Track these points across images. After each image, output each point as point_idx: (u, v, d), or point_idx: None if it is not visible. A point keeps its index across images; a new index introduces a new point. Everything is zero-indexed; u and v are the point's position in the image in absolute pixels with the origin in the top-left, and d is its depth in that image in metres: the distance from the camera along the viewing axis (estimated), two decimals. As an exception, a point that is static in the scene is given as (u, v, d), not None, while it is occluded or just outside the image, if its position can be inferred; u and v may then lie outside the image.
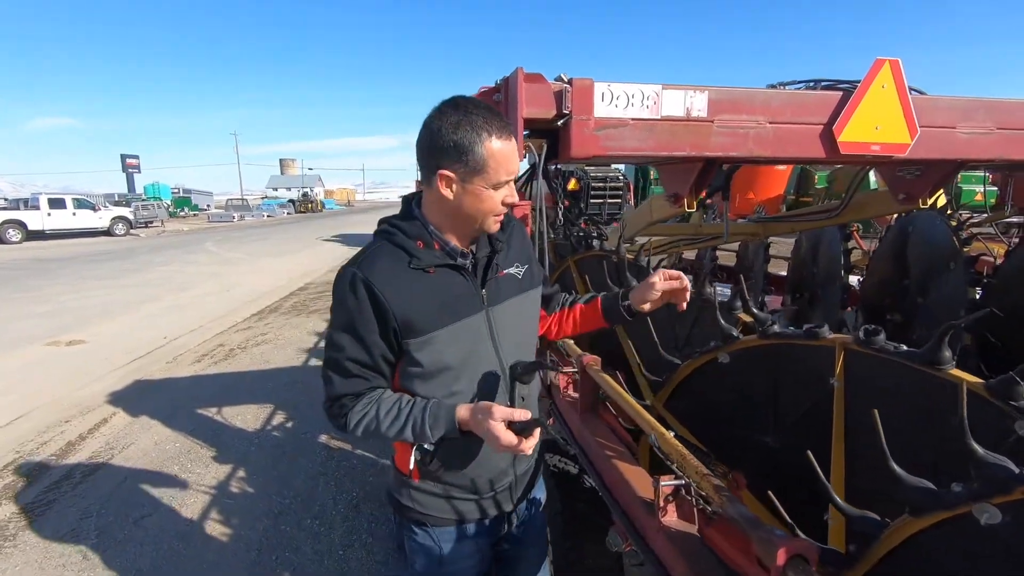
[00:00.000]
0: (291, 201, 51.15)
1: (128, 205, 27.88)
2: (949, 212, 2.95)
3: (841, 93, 2.22)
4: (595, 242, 2.82)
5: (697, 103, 2.10)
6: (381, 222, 1.25)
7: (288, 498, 3.35)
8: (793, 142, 2.21)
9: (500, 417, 1.06)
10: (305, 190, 56.92)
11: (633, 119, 2.04)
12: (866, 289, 3.54)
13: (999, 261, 2.93)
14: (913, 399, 1.13)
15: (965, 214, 3.06)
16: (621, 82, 2.03)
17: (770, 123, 2.17)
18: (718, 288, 2.37)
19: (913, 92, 2.28)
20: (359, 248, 1.25)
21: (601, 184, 11.33)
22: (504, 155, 1.10)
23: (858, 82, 2.29)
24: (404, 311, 1.13)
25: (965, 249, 2.74)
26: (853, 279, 3.80)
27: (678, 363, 1.65)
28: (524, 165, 2.53)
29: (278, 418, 4.56)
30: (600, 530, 1.97)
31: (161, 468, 3.77)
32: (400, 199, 1.35)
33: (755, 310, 1.36)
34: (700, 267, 5.00)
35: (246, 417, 4.59)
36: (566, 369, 2.06)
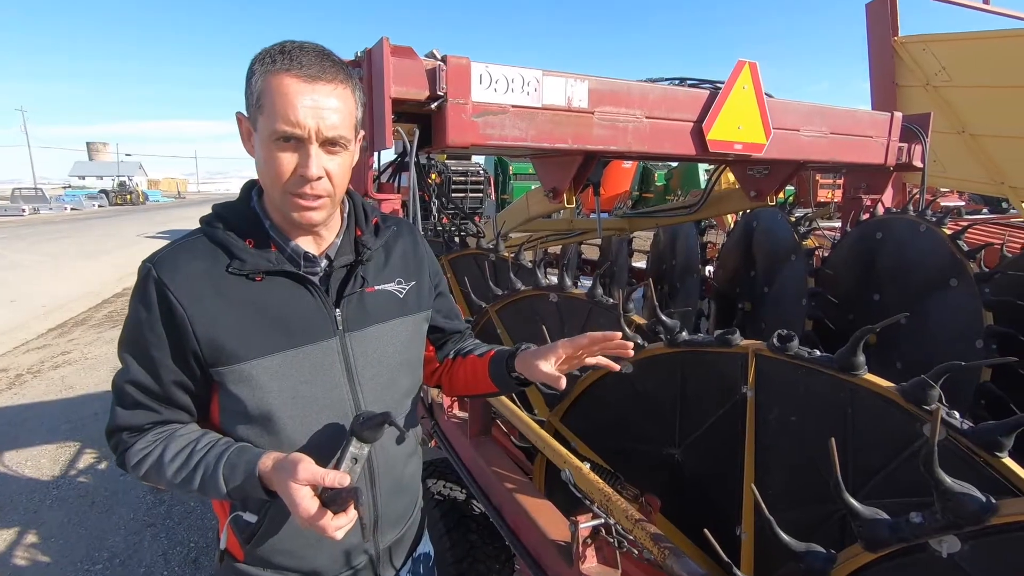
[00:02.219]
0: (104, 192, 43.81)
1: None
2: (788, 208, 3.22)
3: (708, 92, 2.26)
4: (471, 239, 2.62)
5: (578, 92, 1.99)
6: (213, 208, 0.93)
7: (101, 562, 2.69)
8: (667, 138, 2.20)
9: (304, 478, 0.77)
10: (122, 179, 48.89)
11: (514, 106, 1.87)
12: (718, 280, 3.80)
13: (826, 254, 3.28)
14: (827, 405, 1.08)
15: (801, 211, 3.38)
16: (499, 64, 1.85)
17: (647, 118, 2.14)
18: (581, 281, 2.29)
19: (766, 95, 2.40)
20: None
21: (462, 178, 11.22)
22: (285, 94, 0.79)
23: (717, 82, 2.36)
24: (210, 329, 0.84)
25: (804, 243, 3.00)
26: (708, 269, 4.06)
27: (576, 374, 1.51)
28: (390, 155, 2.24)
29: (86, 459, 3.71)
30: (495, 560, 1.78)
31: (-94, 545, 2.84)
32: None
33: (663, 316, 1.25)
34: (566, 262, 5.04)
35: (40, 462, 3.66)
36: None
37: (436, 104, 1.76)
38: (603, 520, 1.02)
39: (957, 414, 0.94)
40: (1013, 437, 0.87)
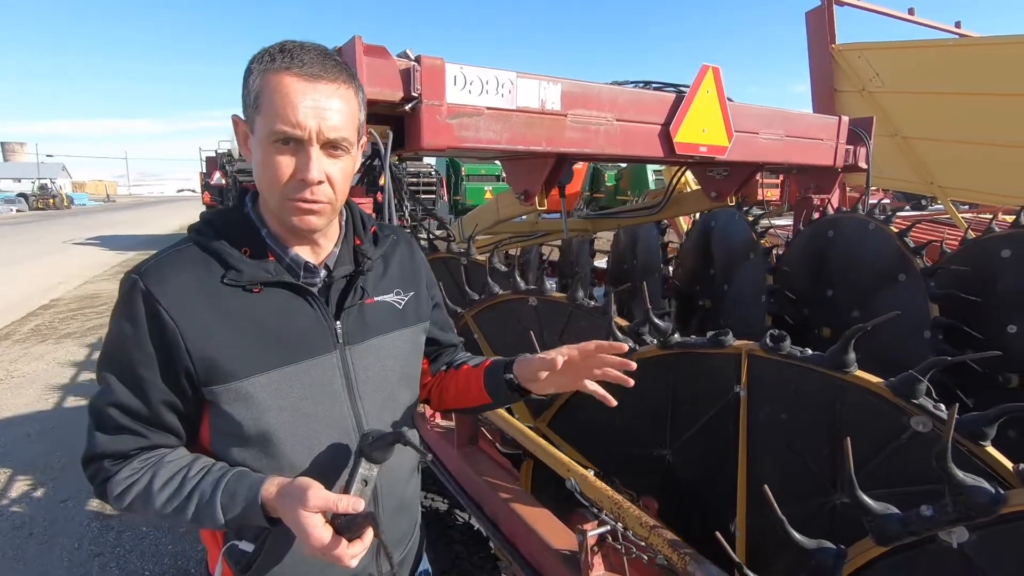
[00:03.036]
0: (23, 195, 40.68)
1: None
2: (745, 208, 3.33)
3: (674, 95, 2.31)
4: (440, 243, 2.57)
5: (551, 95, 1.99)
6: (203, 215, 0.87)
7: (43, 599, 2.49)
8: (637, 140, 2.23)
9: (316, 505, 0.73)
10: (43, 181, 45.56)
11: (488, 108, 1.84)
12: (678, 278, 3.89)
13: (780, 252, 3.41)
14: (817, 402, 1.11)
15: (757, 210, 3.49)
16: (473, 65, 1.82)
17: (617, 120, 2.16)
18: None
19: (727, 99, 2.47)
20: (128, 253, 0.85)
21: (414, 179, 11.09)
22: (285, 94, 0.76)
23: (680, 85, 2.41)
24: (204, 345, 0.79)
25: (762, 241, 3.11)
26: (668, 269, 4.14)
27: (564, 379, 1.50)
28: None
29: (20, 486, 3.41)
30: (481, 571, 1.75)
31: None
32: (178, 193, 0.95)
33: (655, 319, 1.26)
34: (546, 265, 5.00)
35: (-35, 492, 3.35)
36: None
37: (410, 105, 1.72)
38: (609, 528, 1.02)
39: (943, 406, 0.99)
40: (996, 427, 0.92)
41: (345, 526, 0.73)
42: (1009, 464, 0.88)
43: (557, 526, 1.18)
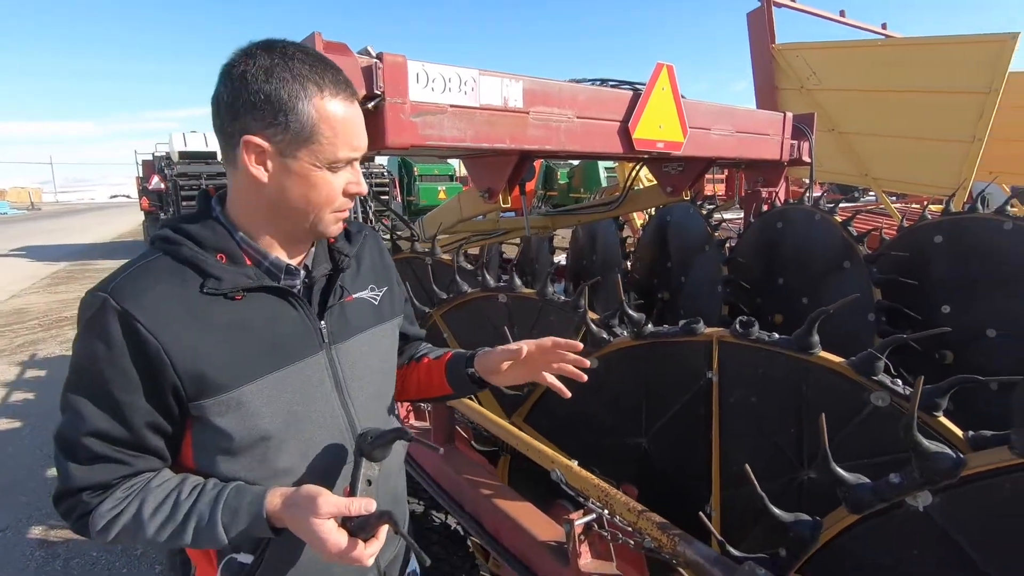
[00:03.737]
0: (-67, 205, 37.55)
1: None
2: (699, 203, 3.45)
3: (631, 93, 2.36)
4: (404, 243, 2.54)
5: (513, 93, 2.00)
6: (162, 225, 0.83)
7: (-16, 637, 2.31)
8: (597, 137, 2.27)
9: (328, 512, 0.73)
10: (-44, 189, 42.23)
11: (452, 106, 1.83)
12: (636, 272, 3.99)
13: (732, 244, 3.55)
14: (783, 384, 1.17)
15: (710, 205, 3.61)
16: (435, 63, 1.80)
17: (578, 117, 2.19)
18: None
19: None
20: (60, 264, 0.81)
21: (366, 180, 10.92)
22: (345, 122, 0.79)
23: (635, 83, 2.47)
24: (192, 360, 0.75)
25: (716, 234, 3.22)
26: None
27: (539, 373, 1.51)
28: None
29: (-52, 518, 3.16)
30: (461, 571, 1.75)
31: None
32: (111, 199, 0.91)
33: (629, 310, 1.29)
34: (515, 263, 5.02)
35: None
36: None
37: (373, 104, 1.69)
38: (595, 515, 1.04)
39: (900, 382, 1.06)
40: (947, 398, 1.00)
41: (360, 527, 0.74)
42: (960, 432, 0.96)
43: (541, 519, 1.19)
